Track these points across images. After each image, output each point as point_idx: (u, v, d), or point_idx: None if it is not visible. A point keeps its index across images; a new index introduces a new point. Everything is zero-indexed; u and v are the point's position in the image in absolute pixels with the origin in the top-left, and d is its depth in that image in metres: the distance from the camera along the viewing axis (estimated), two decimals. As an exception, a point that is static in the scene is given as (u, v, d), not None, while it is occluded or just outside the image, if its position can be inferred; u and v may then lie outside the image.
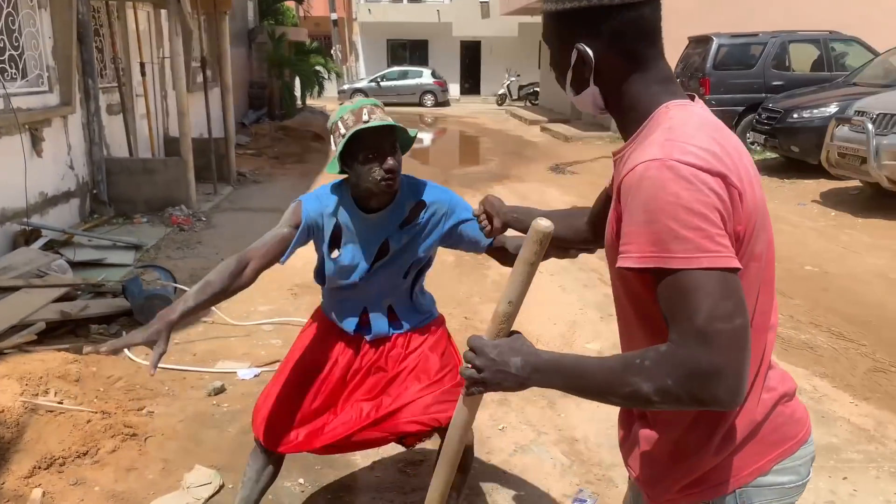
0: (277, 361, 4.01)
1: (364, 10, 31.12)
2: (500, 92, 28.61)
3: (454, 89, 30.96)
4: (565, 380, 1.11)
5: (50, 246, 5.91)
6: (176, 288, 4.92)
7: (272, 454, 2.39)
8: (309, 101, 19.85)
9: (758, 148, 11.31)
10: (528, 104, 25.71)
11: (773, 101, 10.63)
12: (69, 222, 6.86)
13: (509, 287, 1.21)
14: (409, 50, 32.54)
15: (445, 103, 28.76)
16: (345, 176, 2.21)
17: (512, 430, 3.34)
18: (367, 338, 2.35)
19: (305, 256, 4.75)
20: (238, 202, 8.84)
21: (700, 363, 0.99)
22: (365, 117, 2.06)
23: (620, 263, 1.07)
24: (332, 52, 27.30)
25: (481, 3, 30.79)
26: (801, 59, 12.45)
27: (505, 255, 2.25)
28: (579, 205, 2.37)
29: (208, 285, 2.07)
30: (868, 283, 5.54)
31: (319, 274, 2.36)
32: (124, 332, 4.29)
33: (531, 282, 1.22)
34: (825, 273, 5.78)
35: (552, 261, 1.95)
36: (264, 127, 13.97)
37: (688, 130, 1.07)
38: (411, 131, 2.17)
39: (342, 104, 2.24)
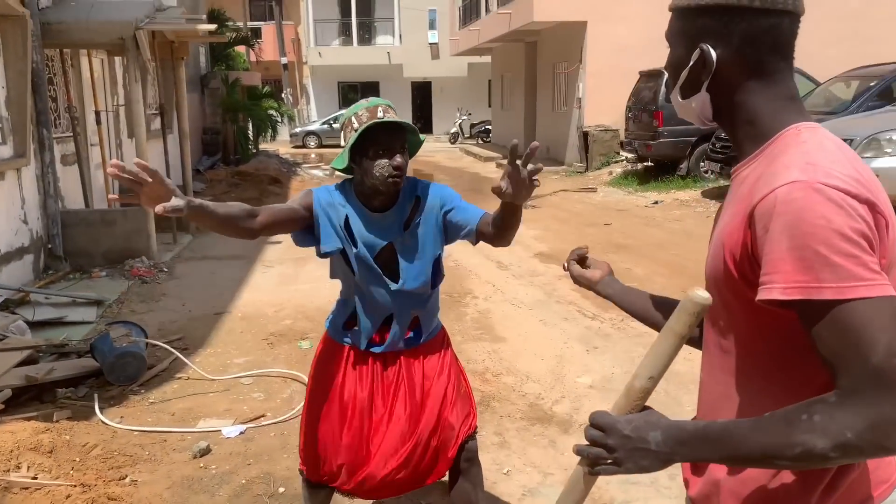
0: (263, 416, 3.86)
1: (314, 53, 31.22)
2: (452, 130, 28.88)
3: (407, 129, 31.10)
4: (717, 450, 1.00)
5: (5, 306, 5.62)
6: (148, 344, 4.70)
7: (320, 486, 2.43)
8: (262, 146, 19.68)
9: (712, 176, 11.61)
10: (481, 142, 25.99)
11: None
12: (23, 280, 6.54)
13: (652, 360, 1.10)
14: (360, 92, 32.63)
15: (398, 143, 28.83)
16: (348, 177, 2.26)
17: (517, 473, 3.23)
18: (377, 350, 2.32)
19: (277, 302, 4.59)
20: (200, 251, 8.61)
21: (883, 409, 0.89)
22: (380, 114, 2.11)
23: (764, 295, 0.96)
24: (282, 95, 27.22)
25: (431, 44, 31.27)
26: (747, 89, 12.88)
27: (496, 231, 2.09)
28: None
29: (224, 205, 2.00)
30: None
31: (344, 274, 2.31)
32: (95, 395, 4.06)
33: (676, 356, 1.10)
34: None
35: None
36: (220, 172, 13.75)
37: (827, 155, 0.99)
38: (421, 136, 2.23)
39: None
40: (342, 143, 2.20)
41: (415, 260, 2.25)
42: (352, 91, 32.61)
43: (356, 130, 2.10)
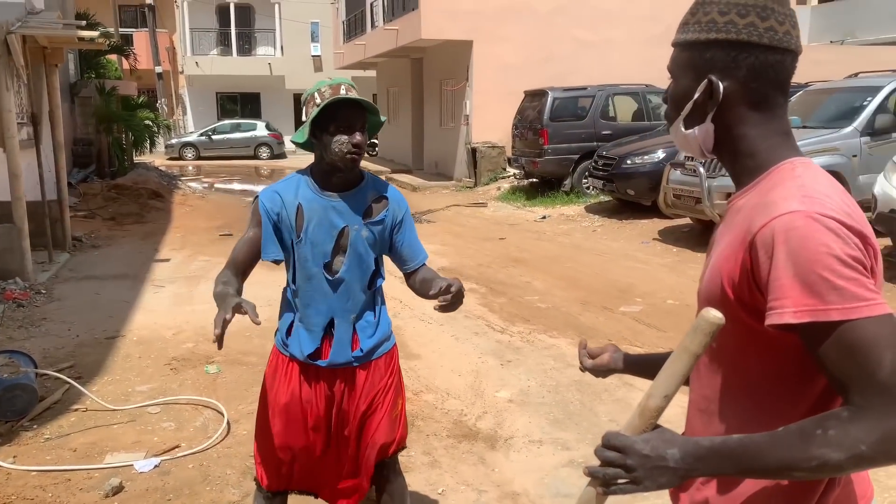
0: (177, 447, 3.67)
1: (191, 63, 30.03)
2: (335, 143, 28.63)
3: (289, 141, 30.54)
4: (735, 464, 1.05)
5: None
6: (37, 374, 4.33)
7: (278, 495, 2.42)
8: (137, 158, 18.66)
9: (594, 192, 12.19)
10: (368, 155, 25.90)
11: (605, 149, 11.52)
12: None
13: (667, 380, 1.11)
14: (240, 103, 31.77)
15: (282, 155, 28.27)
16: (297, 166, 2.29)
17: (451, 492, 3.25)
18: (322, 364, 2.29)
19: (174, 324, 4.38)
20: (79, 270, 8.04)
21: (893, 423, 0.96)
22: (343, 92, 2.14)
23: (774, 320, 1.01)
24: (157, 105, 25.97)
25: (314, 57, 30.89)
26: (624, 109, 13.67)
27: (422, 285, 2.29)
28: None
29: (230, 283, 2.18)
30: (723, 312, 6.08)
31: (291, 273, 2.32)
32: (-17, 432, 3.70)
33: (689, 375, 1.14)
34: (686, 305, 6.26)
35: (433, 307, 2.07)
36: (94, 186, 12.92)
37: (822, 189, 1.06)
38: (382, 117, 2.27)
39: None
40: (303, 118, 2.23)
41: (362, 252, 2.27)
42: (230, 102, 31.66)
43: (318, 106, 2.13)
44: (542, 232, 10.36)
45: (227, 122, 28.41)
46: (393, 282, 3.08)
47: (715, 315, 1.08)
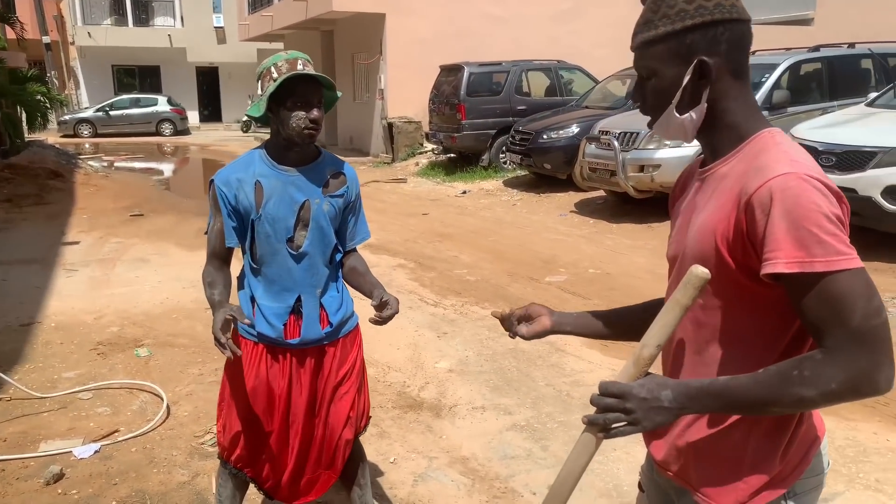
0: (116, 432, 3.59)
1: (83, 33, 28.26)
2: (243, 118, 27.76)
3: (193, 117, 29.41)
4: (722, 401, 1.17)
5: None
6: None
7: (240, 473, 2.43)
8: (29, 136, 17.51)
9: (511, 166, 12.41)
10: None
11: (521, 124, 11.73)
12: None
13: (659, 331, 1.22)
14: (138, 77, 30.23)
15: (186, 132, 27.23)
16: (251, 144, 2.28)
17: (403, 460, 3.33)
18: (293, 343, 2.31)
19: (95, 309, 4.30)
20: (-21, 255, 7.55)
21: (861, 364, 1.09)
22: (300, 66, 2.16)
23: (768, 270, 1.12)
24: (47, 79, 24.36)
25: (216, 28, 29.74)
26: (537, 85, 13.93)
27: (353, 276, 2.40)
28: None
29: (216, 283, 2.23)
30: (641, 279, 6.39)
31: (251, 251, 2.33)
32: None
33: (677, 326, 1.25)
34: (607, 274, 6.54)
35: (369, 318, 2.21)
36: (-15, 166, 12.07)
37: (802, 155, 1.18)
38: (338, 92, 2.30)
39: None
40: (259, 92, 2.23)
41: (324, 225, 2.30)
42: (128, 76, 30.12)
43: (275, 80, 2.13)
44: (464, 207, 10.49)
45: (125, 96, 27.03)
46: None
47: (703, 271, 1.20)
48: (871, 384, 1.10)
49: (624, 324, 1.59)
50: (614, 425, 1.21)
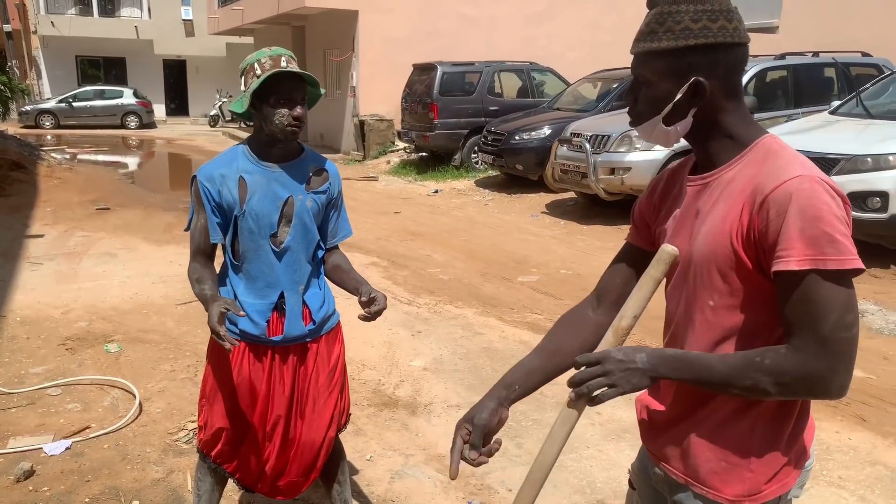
0: (88, 428, 3.54)
1: (46, 22, 27.61)
2: (211, 113, 27.44)
3: (160, 110, 28.95)
4: (691, 370, 1.23)
5: None
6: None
7: (220, 469, 2.42)
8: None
9: (484, 166, 12.47)
10: (244, 125, 24.95)
11: (493, 125, 11.80)
12: None
13: (636, 303, 1.31)
14: (103, 68, 29.64)
15: (151, 125, 26.79)
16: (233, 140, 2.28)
17: (379, 458, 3.34)
18: (276, 340, 2.30)
19: (62, 303, 4.29)
20: (-61, 247, 7.36)
21: (819, 367, 1.16)
22: (283, 63, 2.16)
23: (781, 266, 1.16)
24: (7, 68, 23.75)
25: (185, 21, 29.31)
26: (510, 86, 14.02)
27: (336, 273, 2.41)
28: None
29: (204, 279, 2.23)
30: (612, 280, 6.47)
31: (232, 248, 2.32)
32: None
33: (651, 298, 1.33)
34: (578, 275, 6.62)
35: (357, 315, 2.21)
36: (-56, 156, 11.73)
37: (807, 160, 1.23)
38: (321, 89, 2.31)
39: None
40: (242, 89, 2.23)
41: (307, 221, 2.30)
42: (93, 67, 29.53)
43: (258, 77, 2.13)
44: (436, 206, 10.51)
45: (89, 88, 26.46)
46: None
47: (673, 249, 1.32)
48: (823, 388, 1.18)
49: (561, 352, 1.49)
50: (596, 391, 1.26)
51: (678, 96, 1.27)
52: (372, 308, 2.18)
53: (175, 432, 3.53)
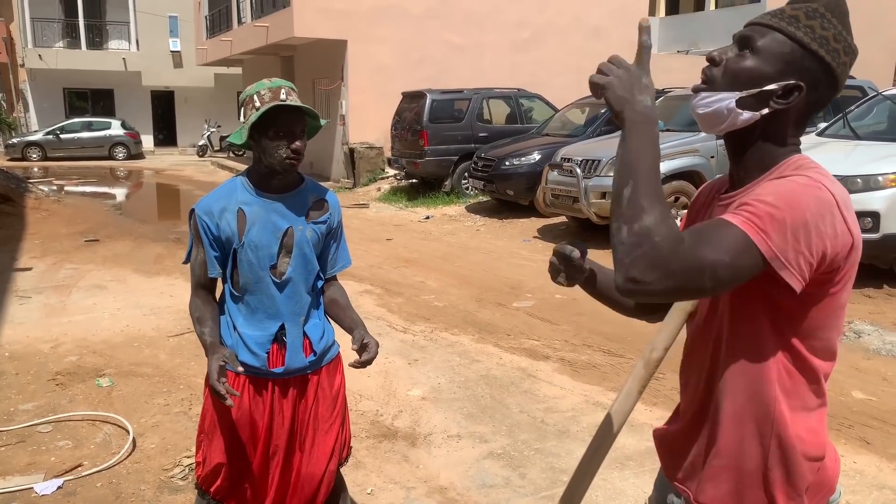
0: (80, 466, 3.46)
1: (33, 55, 27.61)
2: (200, 143, 27.40)
3: (148, 141, 28.90)
4: (643, 140, 1.16)
5: None
6: None
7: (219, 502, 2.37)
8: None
9: (474, 192, 12.50)
10: (232, 155, 24.95)
11: (484, 151, 11.85)
12: None
13: (666, 336, 1.35)
14: (91, 100, 29.63)
15: (140, 156, 26.74)
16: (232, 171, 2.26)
17: (380, 491, 3.27)
18: (278, 372, 2.26)
19: (51, 337, 4.25)
20: (-76, 282, 7.24)
21: (671, 266, 1.09)
22: (283, 96, 2.14)
23: (729, 217, 1.15)
24: (-6, 101, 23.74)
25: (173, 52, 29.43)
26: (498, 112, 14.12)
27: (333, 308, 2.39)
28: None
29: (205, 320, 2.21)
30: (607, 304, 6.45)
31: (232, 280, 2.28)
32: None
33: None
34: (574, 299, 6.59)
35: (349, 362, 2.21)
36: (-70, 189, 11.63)
37: (833, 180, 1.19)
38: (322, 121, 2.30)
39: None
40: (241, 119, 2.21)
41: (307, 252, 2.27)
42: (80, 99, 29.50)
43: (257, 109, 2.12)
44: (427, 232, 10.50)
45: (76, 120, 26.40)
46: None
47: None
48: (635, 280, 1.10)
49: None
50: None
51: (773, 86, 1.21)
52: (363, 357, 2.15)
53: (170, 468, 3.45)
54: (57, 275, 7.68)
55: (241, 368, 2.06)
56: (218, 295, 2.35)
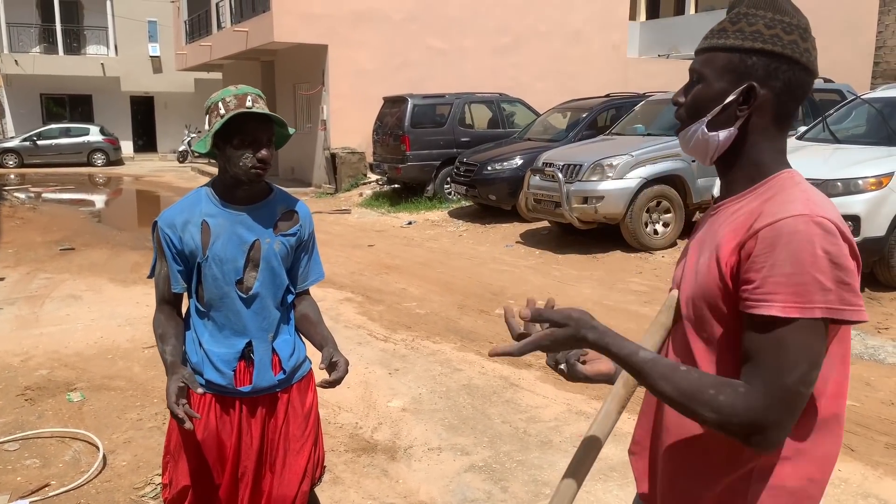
0: (47, 486, 3.34)
1: (9, 61, 27.24)
2: (180, 149, 27.17)
3: (127, 147, 28.60)
4: (636, 374, 1.16)
5: None
6: None
7: None
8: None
9: (456, 197, 12.44)
10: (213, 161, 24.70)
11: (466, 156, 11.79)
12: None
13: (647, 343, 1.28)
14: (69, 106, 29.28)
15: (119, 162, 26.44)
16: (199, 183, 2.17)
17: (359, 507, 3.19)
18: (245, 390, 2.17)
19: (21, 350, 4.14)
20: None
21: (769, 417, 1.08)
22: (248, 103, 2.06)
23: (763, 310, 1.09)
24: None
25: (152, 57, 29.17)
26: (480, 117, 14.07)
27: (303, 323, 2.29)
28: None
29: (167, 337, 2.12)
30: (590, 310, 6.31)
31: (197, 294, 2.19)
32: None
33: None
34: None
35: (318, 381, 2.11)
36: None
37: (821, 199, 1.15)
38: (290, 129, 2.21)
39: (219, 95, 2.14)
40: (206, 127, 2.12)
41: (275, 266, 2.19)
42: (58, 105, 29.18)
43: (222, 117, 2.04)
44: (410, 238, 10.42)
45: (54, 126, 26.06)
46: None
47: (676, 292, 1.29)
48: (763, 439, 1.10)
49: None
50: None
51: (730, 97, 1.21)
52: (332, 376, 2.07)
53: (141, 487, 3.34)
54: (30, 285, 7.52)
55: (200, 389, 1.97)
56: (185, 310, 2.26)
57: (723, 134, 1.23)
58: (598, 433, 1.33)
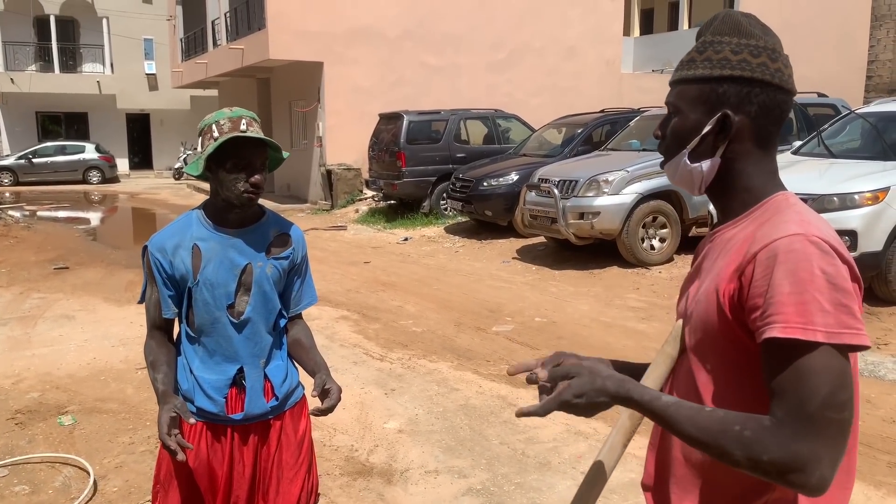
0: (36, 514, 3.25)
1: (5, 79, 27.27)
2: (176, 165, 27.19)
3: (123, 164, 28.62)
4: (659, 421, 1.14)
5: None
6: None
7: None
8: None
9: (452, 213, 12.43)
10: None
11: (461, 172, 11.79)
12: None
13: (651, 383, 1.25)
14: (64, 124, 29.30)
15: (115, 179, 26.46)
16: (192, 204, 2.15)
17: (354, 533, 3.13)
18: (237, 418, 2.12)
19: (13, 372, 4.08)
20: None
21: (801, 450, 1.01)
22: (243, 127, 2.03)
23: (768, 333, 1.06)
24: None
25: (148, 75, 29.24)
26: (476, 133, 14.09)
27: (296, 349, 2.25)
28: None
29: (158, 364, 2.09)
30: (588, 326, 6.37)
31: (188, 320, 2.15)
32: None
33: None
34: (553, 322, 6.50)
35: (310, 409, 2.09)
36: None
37: (817, 219, 1.13)
38: (284, 153, 2.18)
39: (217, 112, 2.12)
40: (199, 149, 2.08)
41: (267, 290, 2.15)
42: (53, 122, 29.20)
43: (216, 140, 2.00)
44: (406, 254, 10.38)
45: (49, 143, 26.08)
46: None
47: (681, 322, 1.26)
48: (802, 475, 1.02)
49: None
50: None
51: (706, 128, 1.20)
52: (324, 404, 2.03)
53: (132, 514, 3.28)
54: (23, 305, 7.45)
55: (192, 420, 1.93)
56: (176, 335, 2.22)
57: (706, 164, 1.23)
58: (602, 466, 1.30)
